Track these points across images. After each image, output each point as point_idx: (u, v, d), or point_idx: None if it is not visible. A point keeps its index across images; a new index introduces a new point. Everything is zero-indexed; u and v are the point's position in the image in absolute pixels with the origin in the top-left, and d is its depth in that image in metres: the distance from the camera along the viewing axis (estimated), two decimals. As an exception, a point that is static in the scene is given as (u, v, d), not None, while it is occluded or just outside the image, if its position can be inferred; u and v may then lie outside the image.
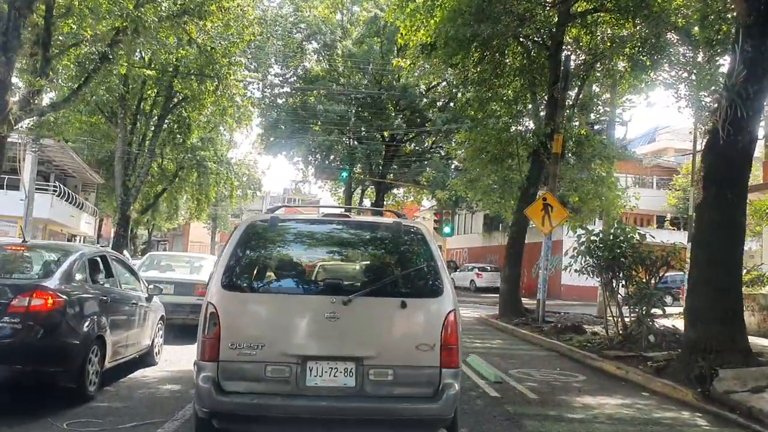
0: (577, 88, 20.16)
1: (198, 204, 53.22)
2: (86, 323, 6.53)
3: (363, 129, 32.77)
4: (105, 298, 7.11)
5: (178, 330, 11.21)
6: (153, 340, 8.96)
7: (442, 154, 35.75)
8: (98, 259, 7.62)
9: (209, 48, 20.30)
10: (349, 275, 5.40)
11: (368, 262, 5.43)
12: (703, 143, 10.74)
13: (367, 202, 47.26)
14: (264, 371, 4.55)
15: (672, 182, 42.21)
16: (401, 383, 4.63)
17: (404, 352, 4.67)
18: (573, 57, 19.74)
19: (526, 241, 37.95)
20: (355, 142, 33.33)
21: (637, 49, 18.29)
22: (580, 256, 11.79)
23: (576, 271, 12.11)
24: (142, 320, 8.42)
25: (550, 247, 17.45)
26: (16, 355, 5.82)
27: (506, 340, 14.31)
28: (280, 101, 35.19)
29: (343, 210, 6.29)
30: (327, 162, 32.90)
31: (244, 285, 4.87)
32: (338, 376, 4.60)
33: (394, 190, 45.92)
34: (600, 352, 11.12)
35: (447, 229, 32.64)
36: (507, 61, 19.16)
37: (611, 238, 11.42)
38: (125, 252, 37.33)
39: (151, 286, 8.98)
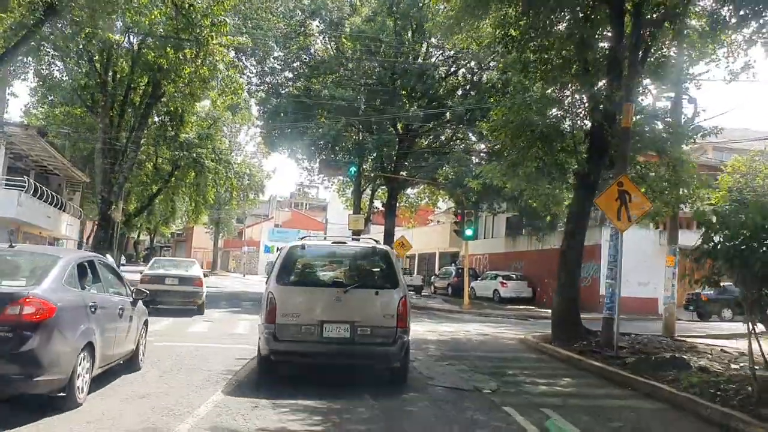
0: (641, 52, 16.15)
1: (196, 206, 49.56)
2: (76, 330, 6.51)
3: (374, 119, 28.85)
4: (94, 303, 7.07)
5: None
6: (137, 345, 8.96)
7: (463, 147, 31.81)
8: (86, 264, 7.52)
9: (187, 5, 16.50)
10: (346, 276, 9.14)
11: (357, 269, 9.26)
12: None
13: (377, 204, 43.44)
14: (300, 329, 8.24)
15: (716, 181, 38.08)
16: (375, 335, 8.33)
17: (377, 319, 8.37)
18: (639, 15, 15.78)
19: (542, 246, 33.99)
20: (365, 133, 29.41)
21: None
22: (716, 261, 7.73)
23: (702, 282, 8.07)
24: (128, 325, 8.40)
25: (619, 249, 13.39)
26: (5, 364, 5.75)
27: (579, 379, 10.23)
28: (282, 91, 31.29)
29: (342, 239, 10.32)
30: (333, 156, 29.02)
31: (289, 281, 8.61)
32: (340, 332, 8.28)
33: (408, 190, 41.96)
34: (754, 411, 7.09)
35: (469, 232, 28.65)
36: (557, 21, 15.21)
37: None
38: (108, 256, 34.16)
39: (136, 290, 9.09)
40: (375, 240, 9.73)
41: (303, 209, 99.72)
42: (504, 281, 33.88)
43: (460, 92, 31.59)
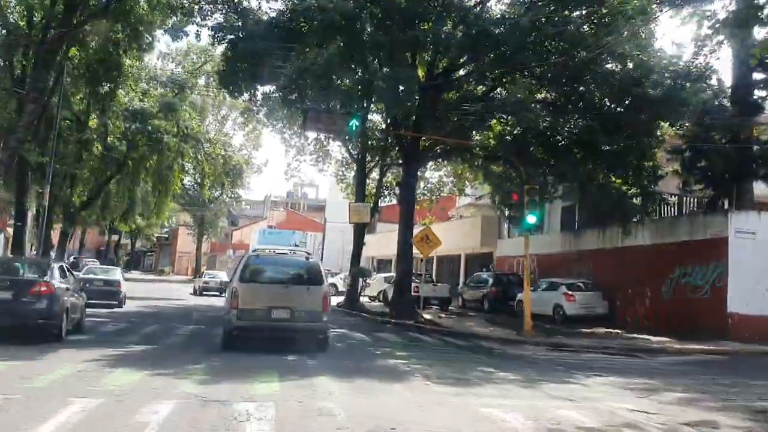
0: None
1: (158, 197, 39.67)
2: (62, 300, 12.25)
3: (385, 43, 18.83)
4: (68, 288, 13.01)
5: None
6: (82, 316, 14.43)
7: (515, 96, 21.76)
8: (61, 266, 13.91)
9: None
10: (288, 277, 12.88)
11: (295, 272, 13.02)
12: None
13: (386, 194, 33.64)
14: (255, 312, 11.92)
15: None
16: (307, 316, 12.08)
17: (308, 305, 12.16)
18: None
19: (624, 243, 23.84)
20: (373, 63, 19.36)
21: None
22: None
23: None
24: (79, 303, 14.05)
25: None
26: (35, 315, 11.65)
27: None
28: (250, 14, 21.27)
29: (286, 251, 15.18)
30: (325, 103, 19.07)
31: (248, 279, 12.36)
32: (283, 314, 11.99)
33: (428, 173, 31.97)
34: None
35: (532, 218, 18.64)
36: None
37: None
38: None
39: (82, 283, 16.39)
40: (308, 252, 14.66)
41: (301, 210, 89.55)
42: (570, 292, 23.82)
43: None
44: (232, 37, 20.36)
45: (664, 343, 18.55)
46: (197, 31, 23.07)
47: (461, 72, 23.23)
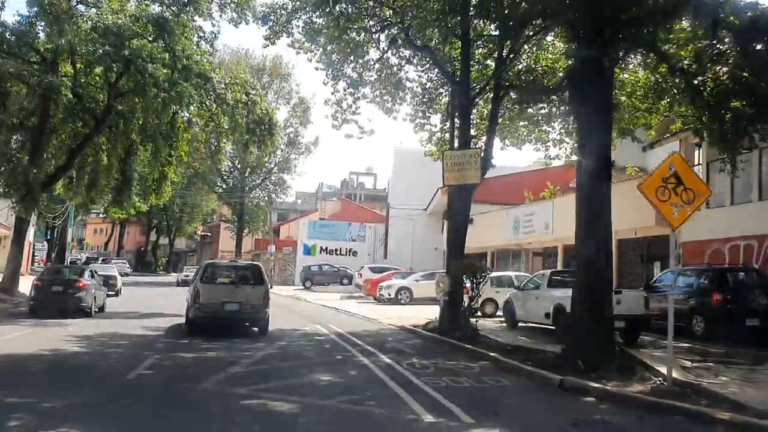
0: None
1: (156, 166, 28.06)
2: (91, 291, 19.96)
3: None
4: (94, 283, 20.72)
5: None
6: (104, 302, 21.83)
7: None
8: (90, 269, 22.78)
9: None
10: (238, 278, 16.67)
11: (243, 273, 16.97)
12: None
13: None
14: (212, 306, 15.42)
15: None
16: (251, 309, 15.75)
17: (252, 300, 15.80)
18: None
19: None
20: None
21: None
22: None
23: None
24: (101, 293, 21.58)
25: None
26: (75, 300, 19.35)
27: None
28: None
29: (236, 260, 28.00)
30: None
31: (207, 281, 16.08)
32: (234, 307, 15.52)
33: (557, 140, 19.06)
34: None
35: None
36: None
37: None
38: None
39: (102, 280, 23.24)
40: (252, 260, 18.96)
41: (357, 200, 77.27)
42: None
43: None
44: None
45: None
46: None
47: None
